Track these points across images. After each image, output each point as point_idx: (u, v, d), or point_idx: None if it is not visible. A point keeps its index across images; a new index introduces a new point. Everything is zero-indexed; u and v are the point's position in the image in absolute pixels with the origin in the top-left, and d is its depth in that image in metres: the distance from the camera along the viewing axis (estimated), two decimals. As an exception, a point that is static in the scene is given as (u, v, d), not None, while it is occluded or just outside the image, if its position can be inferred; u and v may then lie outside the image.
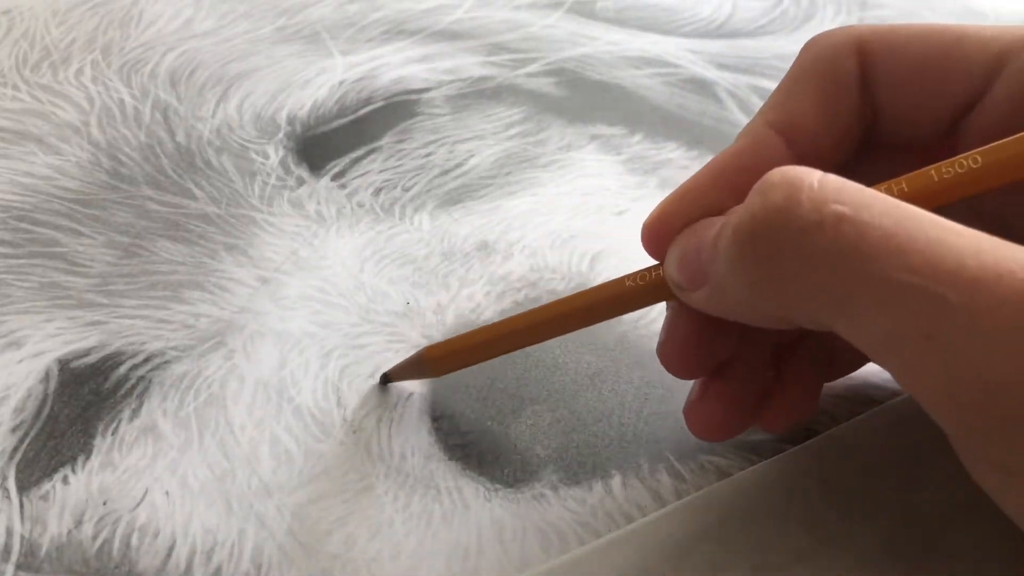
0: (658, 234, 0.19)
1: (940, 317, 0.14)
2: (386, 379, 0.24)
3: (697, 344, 0.20)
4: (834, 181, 0.15)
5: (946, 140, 0.20)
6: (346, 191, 0.29)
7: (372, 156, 0.30)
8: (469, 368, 0.24)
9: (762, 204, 0.15)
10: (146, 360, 0.24)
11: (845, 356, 0.22)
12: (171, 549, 0.20)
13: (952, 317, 0.13)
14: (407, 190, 0.29)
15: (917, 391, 0.15)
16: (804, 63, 0.20)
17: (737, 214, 0.16)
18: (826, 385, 0.23)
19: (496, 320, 0.23)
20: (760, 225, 0.15)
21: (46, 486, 0.22)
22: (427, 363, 0.22)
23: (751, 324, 0.18)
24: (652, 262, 0.20)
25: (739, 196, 0.17)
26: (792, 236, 0.15)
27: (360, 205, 0.29)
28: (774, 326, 0.17)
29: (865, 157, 0.20)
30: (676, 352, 0.20)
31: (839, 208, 0.14)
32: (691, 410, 0.21)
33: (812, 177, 0.15)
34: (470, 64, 0.34)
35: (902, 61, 0.19)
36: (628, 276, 0.20)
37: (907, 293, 0.14)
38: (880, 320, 0.14)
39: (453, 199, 0.29)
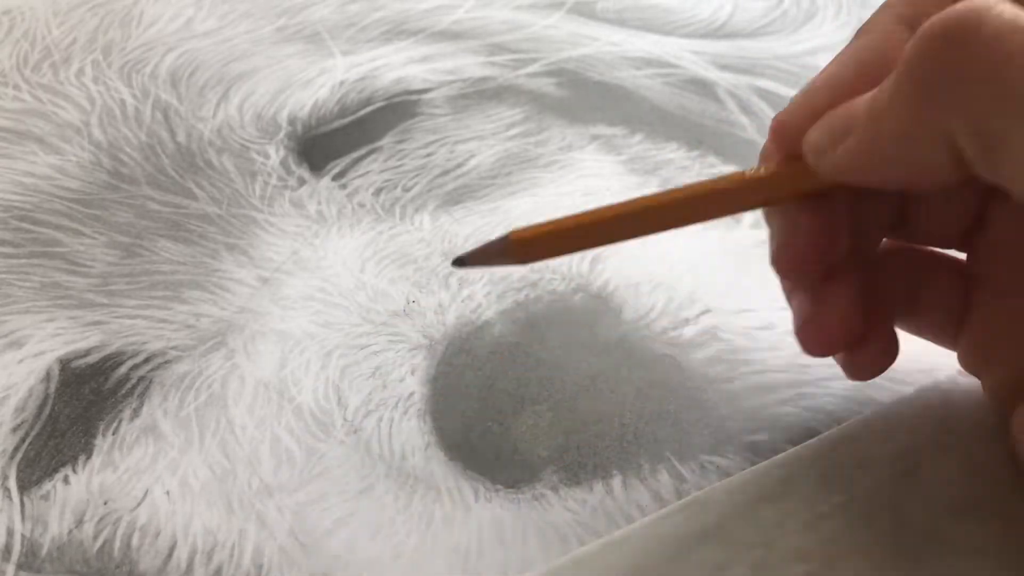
0: (792, 127, 0.19)
1: None
2: (461, 262, 0.20)
3: (814, 242, 0.19)
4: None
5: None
6: (347, 191, 0.29)
7: (373, 156, 0.30)
8: (469, 368, 0.24)
9: (956, 10, 0.15)
10: (147, 360, 0.24)
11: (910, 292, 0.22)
12: (172, 549, 0.21)
13: None
14: (408, 190, 0.29)
15: None
16: None
17: (918, 31, 0.15)
18: (826, 386, 0.23)
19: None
20: (951, 27, 0.15)
21: (47, 486, 0.22)
22: (511, 245, 0.19)
23: (894, 172, 0.17)
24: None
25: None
26: (985, 37, 0.14)
27: (361, 205, 0.29)
28: (925, 167, 0.16)
29: None
30: (796, 252, 0.19)
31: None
32: (808, 321, 0.20)
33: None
34: (471, 64, 0.34)
35: None
36: (742, 172, 0.19)
37: None
38: None
39: (454, 199, 0.29)
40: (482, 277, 0.27)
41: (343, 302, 0.26)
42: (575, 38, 0.36)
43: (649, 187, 0.30)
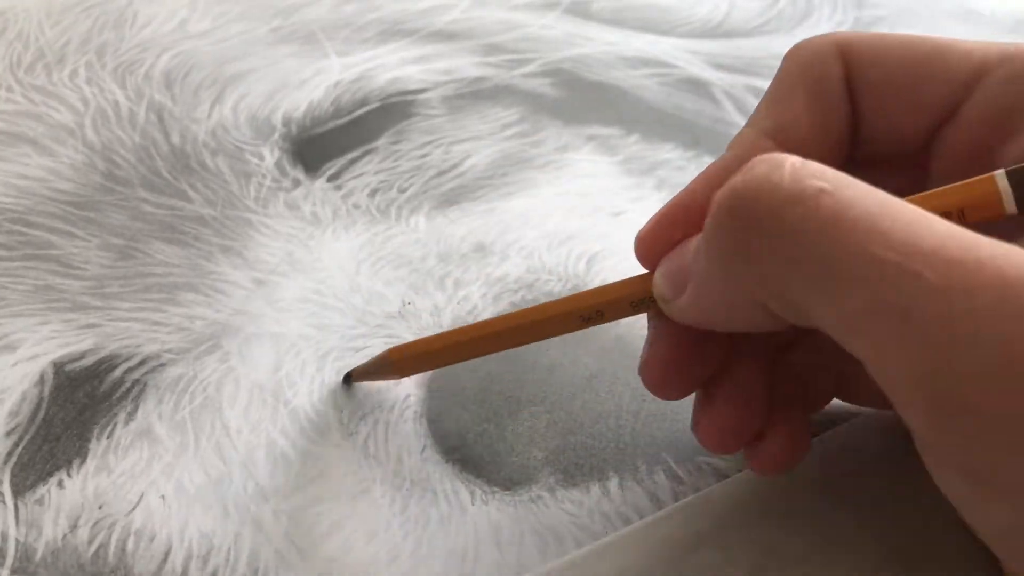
0: (650, 246, 0.19)
1: (916, 294, 0.13)
2: (348, 379, 0.24)
3: (680, 359, 0.19)
4: (815, 163, 0.15)
5: (923, 152, 0.20)
6: (342, 192, 0.29)
7: (368, 157, 0.30)
8: (466, 370, 0.24)
9: (743, 178, 0.15)
10: (141, 363, 0.24)
11: (823, 382, 0.22)
12: (167, 553, 0.20)
13: (929, 295, 0.13)
14: (403, 191, 0.29)
15: (886, 376, 0.14)
16: (791, 70, 0.20)
17: (718, 196, 0.16)
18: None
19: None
20: (739, 197, 0.15)
21: (41, 490, 0.21)
22: (391, 364, 0.22)
23: (727, 327, 0.18)
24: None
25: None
26: (772, 207, 0.15)
27: (356, 206, 0.29)
28: (750, 326, 0.17)
29: (852, 171, 0.20)
30: (659, 369, 0.20)
31: (821, 183, 0.14)
32: (696, 422, 0.20)
33: (794, 157, 0.15)
34: (466, 65, 0.34)
35: (884, 68, 0.19)
36: (583, 311, 0.20)
37: (885, 268, 0.14)
38: (856, 294, 0.14)
39: (449, 200, 0.29)
40: (478, 278, 0.27)
41: (338, 304, 0.26)
42: (571, 38, 0.36)
43: (645, 187, 0.30)
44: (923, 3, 0.40)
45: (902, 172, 0.20)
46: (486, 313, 0.26)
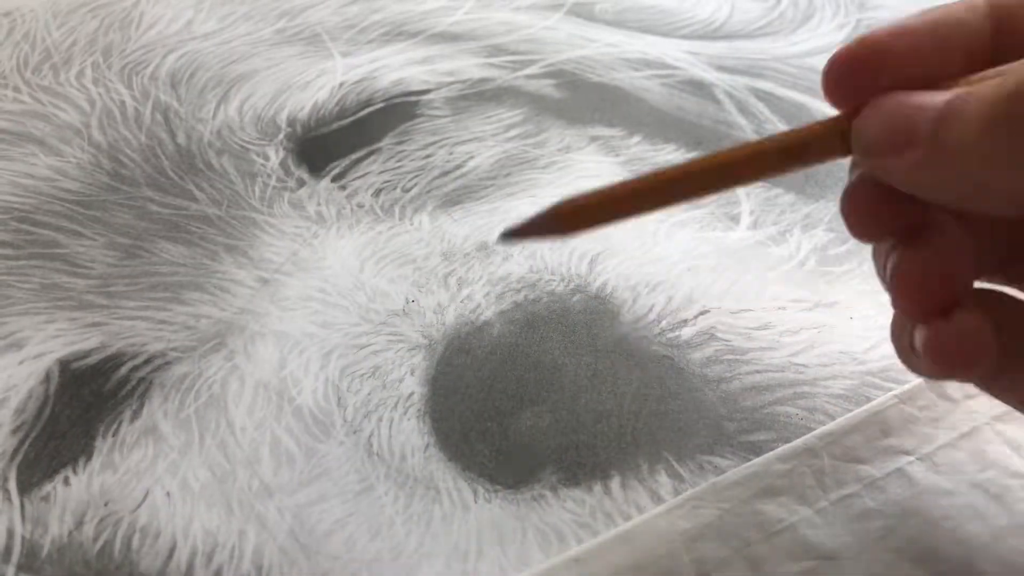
0: (840, 78, 0.17)
1: None
2: (508, 235, 0.19)
3: (890, 198, 0.18)
4: None
5: None
6: (346, 192, 0.29)
7: (372, 157, 0.31)
8: (469, 369, 0.24)
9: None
10: (147, 361, 0.24)
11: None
12: (172, 550, 0.21)
13: None
14: (407, 191, 0.30)
15: None
16: None
17: (1002, 79, 0.15)
18: (824, 385, 0.23)
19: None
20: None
21: (47, 487, 0.22)
22: (563, 216, 0.18)
23: (958, 202, 0.16)
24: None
25: (935, 59, 0.16)
26: None
27: (360, 206, 0.29)
28: (990, 207, 0.16)
29: None
30: (865, 204, 0.18)
31: None
32: (894, 272, 0.18)
33: None
34: (470, 66, 0.35)
35: None
36: (785, 132, 0.17)
37: None
38: None
39: (453, 200, 0.29)
40: (481, 277, 0.27)
41: (342, 302, 0.26)
42: (574, 39, 0.36)
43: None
44: (924, 5, 0.40)
45: None
46: (489, 312, 0.26)
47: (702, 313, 0.26)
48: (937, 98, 0.16)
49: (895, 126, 0.16)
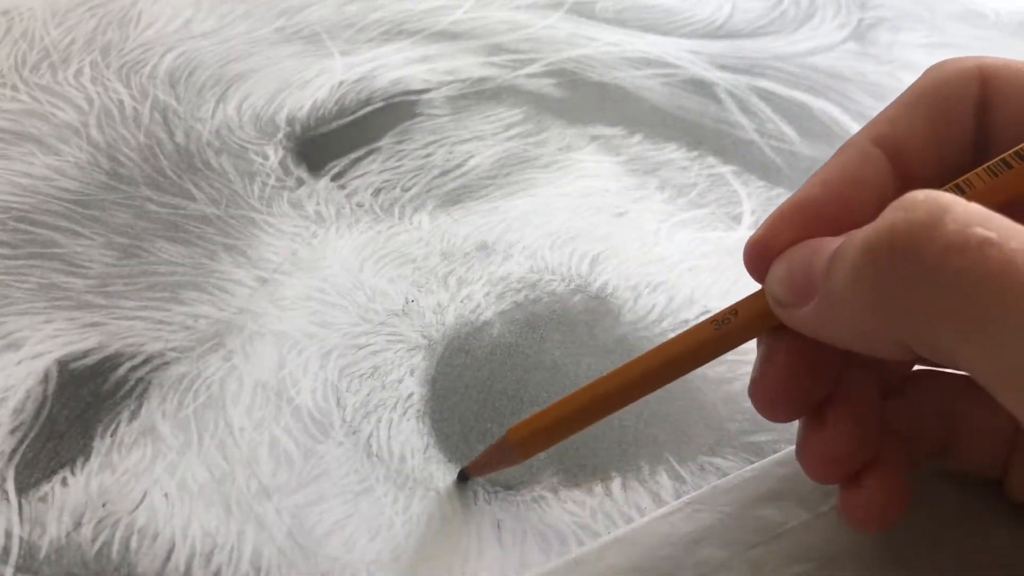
0: (764, 252, 0.18)
1: None
2: (464, 476, 0.22)
3: (794, 379, 0.18)
4: (980, 208, 0.15)
5: None
6: (345, 191, 0.29)
7: (372, 157, 0.30)
8: (468, 369, 0.24)
9: (905, 218, 0.15)
10: (145, 361, 0.24)
11: (928, 436, 0.20)
12: (170, 551, 0.20)
13: None
14: (407, 190, 0.29)
15: None
16: (924, 84, 0.19)
17: (870, 227, 0.15)
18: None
19: (579, 387, 0.20)
20: (899, 239, 0.14)
21: (45, 488, 0.22)
22: (513, 446, 0.20)
23: (855, 348, 0.17)
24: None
25: (850, 213, 0.17)
26: (933, 254, 0.14)
27: (359, 205, 0.29)
28: (882, 353, 0.16)
29: None
30: (771, 389, 0.19)
31: (985, 232, 0.14)
32: (802, 449, 0.19)
33: (958, 200, 0.15)
34: (470, 65, 0.34)
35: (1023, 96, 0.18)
36: (711, 319, 0.18)
37: None
38: (1009, 352, 0.13)
39: (453, 199, 0.29)
40: (481, 277, 0.27)
41: (341, 302, 0.26)
42: (574, 38, 0.36)
43: (648, 187, 0.30)
44: (926, 4, 0.40)
45: None
46: (489, 312, 0.26)
47: (703, 313, 0.26)
48: (833, 244, 0.16)
49: (795, 280, 0.17)
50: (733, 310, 0.18)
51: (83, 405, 0.23)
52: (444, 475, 0.22)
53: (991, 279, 0.14)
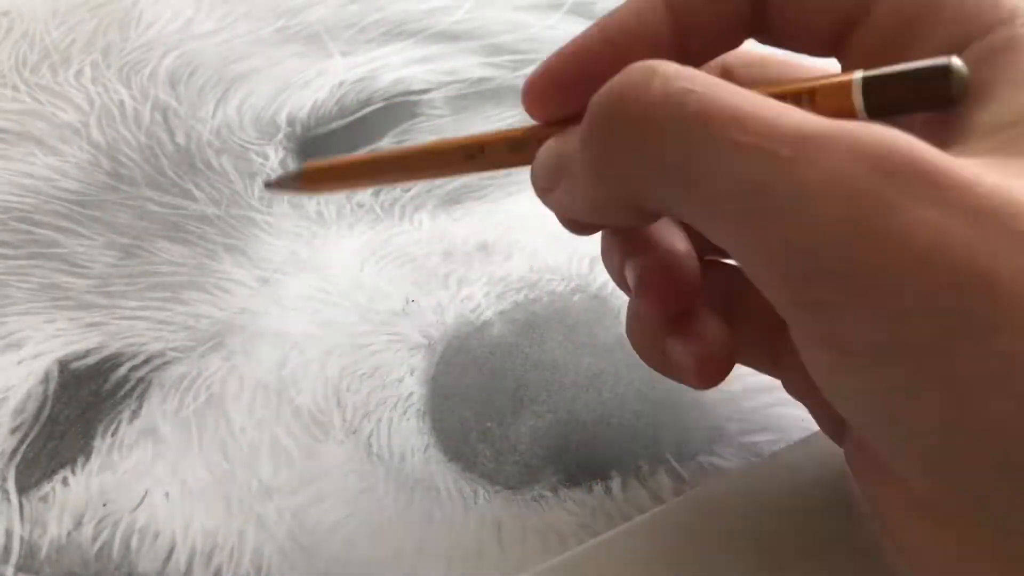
0: (539, 96, 0.19)
1: (771, 170, 0.13)
2: (267, 185, 0.23)
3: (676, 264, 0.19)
4: (690, 69, 0.15)
5: (835, 52, 0.19)
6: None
7: (372, 157, 0.30)
8: (469, 369, 0.24)
9: (618, 80, 0.15)
10: (146, 361, 0.24)
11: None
12: (171, 551, 0.20)
13: (782, 169, 0.13)
14: (407, 190, 0.29)
15: (747, 257, 0.14)
16: None
17: (598, 96, 0.16)
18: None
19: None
20: (613, 100, 0.15)
21: (46, 487, 0.22)
22: (307, 176, 0.22)
23: (599, 220, 0.18)
24: None
25: (621, 63, 0.17)
26: (641, 110, 0.15)
27: (360, 205, 0.29)
28: (624, 221, 0.17)
29: (764, 35, 0.20)
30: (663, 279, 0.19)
31: (686, 84, 0.15)
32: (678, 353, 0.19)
33: (669, 64, 0.15)
34: (470, 65, 0.34)
35: None
36: (462, 146, 0.20)
37: (742, 151, 0.14)
38: (716, 179, 0.14)
39: (453, 199, 0.29)
40: (481, 277, 0.27)
41: (342, 302, 0.26)
42: (574, 38, 0.36)
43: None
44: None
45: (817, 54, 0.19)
46: (489, 311, 0.26)
47: (703, 313, 0.26)
48: (573, 133, 0.17)
49: (548, 166, 0.18)
50: (479, 147, 0.20)
51: (84, 405, 0.23)
52: (444, 475, 0.22)
53: (691, 121, 0.14)
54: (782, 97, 0.16)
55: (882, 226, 0.13)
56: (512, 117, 0.32)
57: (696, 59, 0.19)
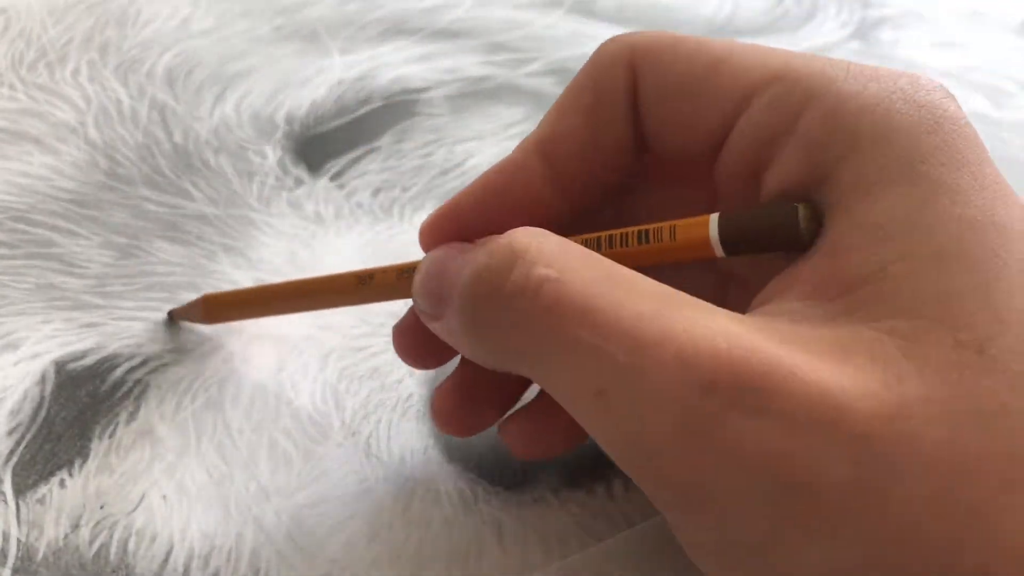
0: (433, 241, 0.20)
1: (609, 375, 0.14)
2: (171, 316, 0.25)
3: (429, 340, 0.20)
4: (550, 244, 0.16)
5: (711, 163, 0.18)
6: (345, 191, 0.29)
7: (371, 156, 0.30)
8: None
9: (485, 264, 0.16)
10: (143, 363, 0.24)
11: None
12: (169, 553, 0.20)
13: (619, 375, 0.14)
14: (406, 190, 0.29)
15: (601, 445, 0.15)
16: (583, 74, 0.19)
17: (469, 266, 0.16)
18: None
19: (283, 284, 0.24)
20: (480, 286, 0.16)
21: (43, 489, 0.21)
22: (206, 307, 0.24)
23: (482, 364, 0.18)
24: None
25: (498, 216, 0.18)
26: (503, 299, 0.15)
27: (359, 205, 0.29)
28: (502, 371, 0.18)
29: (644, 184, 0.20)
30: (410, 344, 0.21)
31: (545, 271, 0.15)
32: (437, 404, 0.21)
33: (534, 241, 0.16)
34: (470, 63, 0.34)
35: (665, 79, 0.18)
36: (356, 275, 0.21)
37: (586, 351, 0.14)
38: (563, 375, 0.15)
39: (452, 199, 0.29)
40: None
41: (341, 303, 0.26)
42: (574, 37, 0.36)
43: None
44: (928, 3, 0.40)
45: (694, 185, 0.19)
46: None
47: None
48: (454, 265, 0.18)
49: (431, 294, 0.18)
50: (370, 275, 0.21)
51: (81, 406, 0.23)
52: (444, 476, 0.22)
53: (545, 316, 0.15)
54: (645, 234, 0.17)
55: (707, 440, 0.13)
56: (512, 115, 0.32)
57: (578, 197, 0.19)
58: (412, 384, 0.24)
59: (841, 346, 0.14)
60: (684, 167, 0.19)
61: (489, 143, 0.31)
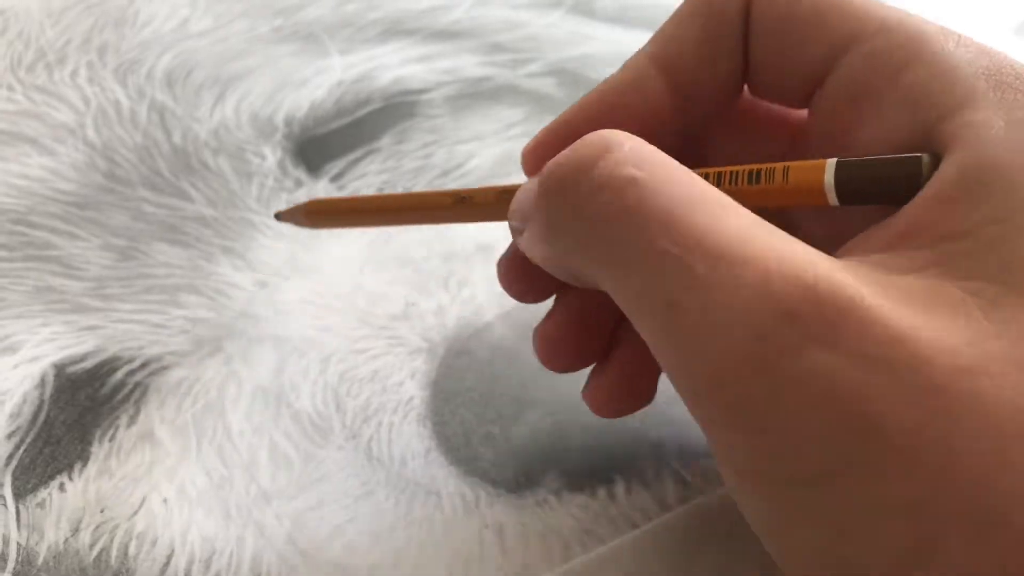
0: (532, 165, 0.19)
1: (684, 285, 0.14)
2: (277, 217, 0.25)
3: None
4: (644, 148, 0.15)
5: (807, 103, 0.19)
6: (344, 193, 0.29)
7: (371, 157, 0.30)
8: (470, 372, 0.24)
9: (568, 156, 0.16)
10: (143, 365, 0.24)
11: None
12: (169, 557, 0.20)
13: (695, 287, 0.14)
14: (406, 191, 0.29)
15: (661, 360, 0.15)
16: (693, 1, 0.19)
17: (551, 160, 0.16)
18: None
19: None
20: (561, 175, 0.16)
21: (43, 493, 0.21)
22: (309, 211, 0.24)
23: (553, 274, 0.18)
24: None
25: (622, 129, 0.17)
26: (584, 191, 0.15)
27: (359, 207, 0.29)
28: (571, 281, 0.18)
29: (729, 116, 0.20)
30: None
31: (633, 172, 0.15)
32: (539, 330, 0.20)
33: (624, 140, 0.15)
34: (469, 64, 0.34)
35: (775, 10, 0.18)
36: (501, 187, 0.20)
37: (662, 258, 0.14)
38: (634, 281, 0.15)
39: (453, 200, 0.29)
40: (482, 278, 0.26)
41: (341, 306, 0.26)
42: (575, 37, 0.36)
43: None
44: (928, 4, 0.40)
45: (774, 138, 0.19)
46: (490, 314, 0.25)
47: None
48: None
49: (521, 208, 0.18)
50: (470, 194, 0.20)
51: (80, 410, 0.23)
52: (446, 479, 0.22)
53: (624, 217, 0.14)
54: (756, 174, 0.17)
55: (780, 368, 0.13)
56: (512, 116, 0.32)
57: (693, 118, 0.19)
58: (413, 387, 0.24)
59: (925, 296, 0.13)
60: (769, 116, 0.19)
61: (489, 144, 0.31)
